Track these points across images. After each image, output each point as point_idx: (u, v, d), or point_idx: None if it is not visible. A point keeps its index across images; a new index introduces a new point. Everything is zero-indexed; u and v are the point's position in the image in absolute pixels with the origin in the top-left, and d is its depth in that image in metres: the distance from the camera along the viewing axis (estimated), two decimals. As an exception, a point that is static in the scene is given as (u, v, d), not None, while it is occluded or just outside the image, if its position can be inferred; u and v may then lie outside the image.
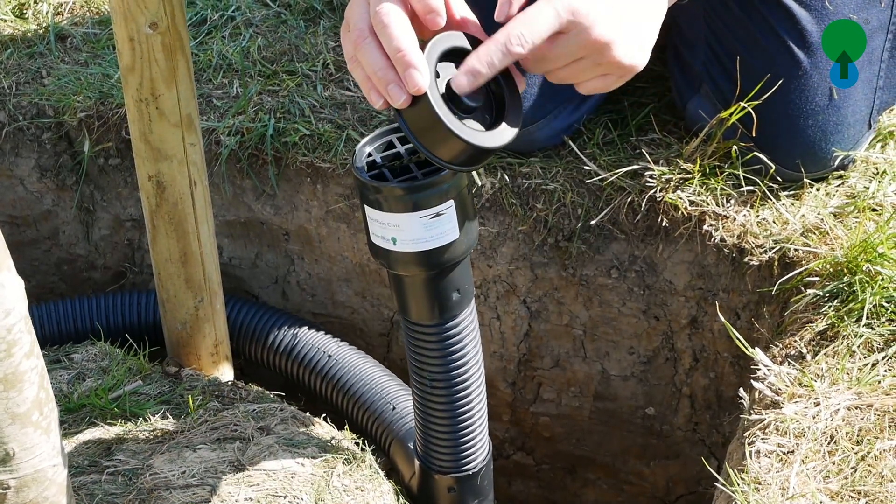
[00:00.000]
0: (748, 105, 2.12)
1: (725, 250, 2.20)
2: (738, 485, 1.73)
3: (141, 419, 2.04)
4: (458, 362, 1.76)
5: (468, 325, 1.75)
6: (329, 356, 2.33)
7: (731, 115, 2.16)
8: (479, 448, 1.88)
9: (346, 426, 2.14)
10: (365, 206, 1.67)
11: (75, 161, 2.58)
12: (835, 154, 2.16)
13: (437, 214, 1.63)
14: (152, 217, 2.09)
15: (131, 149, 2.50)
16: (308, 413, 2.13)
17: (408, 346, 1.78)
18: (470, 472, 1.89)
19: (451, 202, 1.63)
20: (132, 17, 1.87)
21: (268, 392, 2.20)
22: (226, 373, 2.28)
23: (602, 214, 2.28)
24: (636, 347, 2.45)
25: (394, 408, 2.17)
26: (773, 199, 2.19)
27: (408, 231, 1.64)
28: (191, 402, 2.06)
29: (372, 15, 1.51)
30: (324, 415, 2.15)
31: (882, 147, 2.27)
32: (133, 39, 1.89)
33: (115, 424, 2.02)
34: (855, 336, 1.93)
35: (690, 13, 2.22)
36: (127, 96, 1.97)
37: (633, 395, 2.51)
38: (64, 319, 2.39)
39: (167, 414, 2.05)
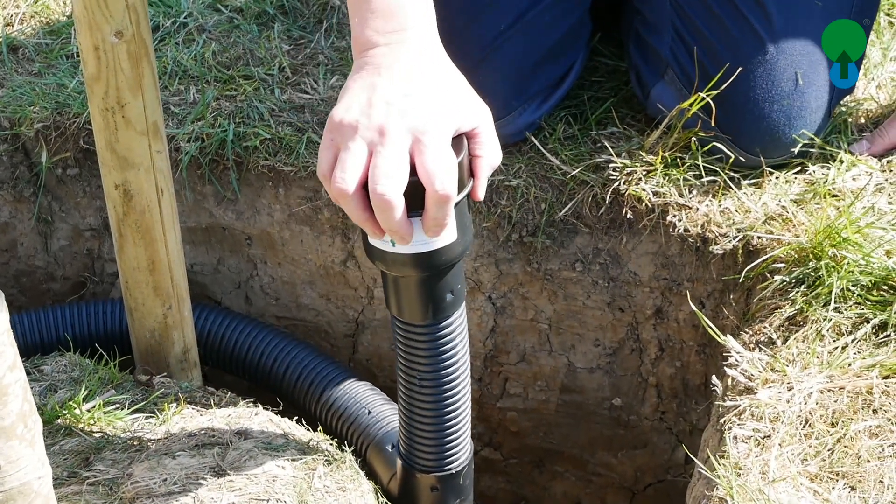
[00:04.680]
0: (712, 91, 2.15)
1: (689, 240, 2.23)
2: (719, 471, 1.75)
3: (117, 429, 2.03)
4: (448, 362, 1.76)
5: (459, 325, 1.75)
6: (299, 362, 2.33)
7: (691, 104, 2.18)
8: (463, 447, 1.88)
9: (320, 428, 2.14)
10: None
11: (32, 172, 2.57)
12: (796, 140, 2.19)
13: None
14: (119, 226, 2.09)
15: (89, 159, 2.50)
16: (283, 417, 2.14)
17: (397, 346, 1.78)
18: (453, 472, 1.89)
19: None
20: (97, 26, 1.86)
21: (240, 397, 2.20)
22: (196, 379, 2.28)
23: (566, 209, 2.30)
24: (601, 339, 2.47)
25: (369, 412, 2.17)
26: (735, 188, 2.22)
27: None
28: (166, 409, 2.06)
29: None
30: (296, 417, 2.15)
31: (839, 135, 2.30)
32: (98, 48, 1.88)
33: (92, 435, 2.01)
34: (823, 320, 1.96)
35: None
36: (92, 106, 1.96)
37: (600, 387, 2.53)
38: (29, 331, 2.38)
39: (143, 422, 2.05)
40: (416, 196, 1.56)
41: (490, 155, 1.63)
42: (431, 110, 1.56)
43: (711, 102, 2.16)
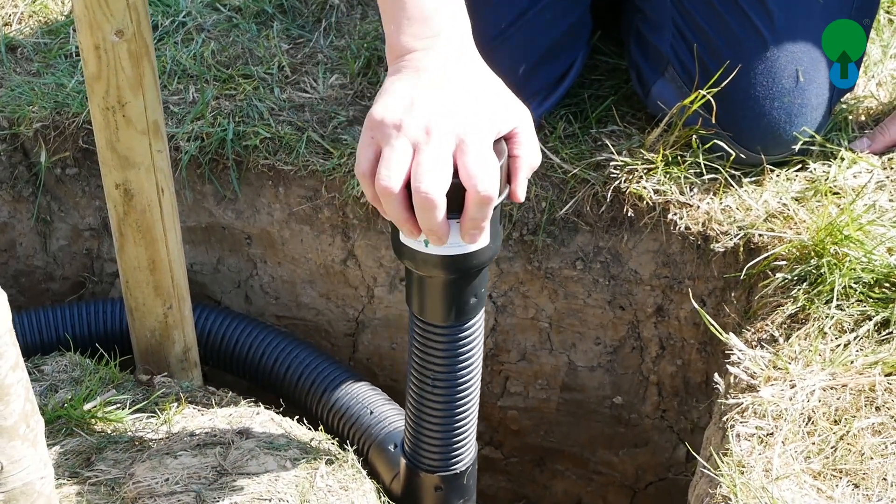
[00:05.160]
0: (713, 88, 2.15)
1: (690, 238, 2.23)
2: (722, 468, 1.75)
3: (118, 428, 2.03)
4: (463, 364, 1.75)
5: (478, 329, 1.75)
6: (300, 362, 2.32)
7: (692, 102, 2.18)
8: (468, 448, 1.88)
9: (321, 427, 2.13)
10: None
11: (31, 172, 2.56)
12: (797, 137, 2.19)
13: None
14: (120, 226, 2.08)
15: (89, 158, 2.50)
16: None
17: (413, 344, 1.76)
18: (457, 472, 1.89)
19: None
20: (98, 25, 1.86)
21: (241, 397, 2.19)
22: (196, 379, 2.28)
23: (566, 207, 2.30)
24: (602, 338, 2.47)
25: (371, 412, 2.16)
26: (736, 186, 2.22)
27: None
28: (167, 409, 2.06)
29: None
30: (297, 416, 2.15)
31: (840, 132, 2.30)
32: (99, 48, 1.88)
33: (93, 435, 2.01)
34: (826, 317, 1.96)
35: None
36: (92, 105, 1.96)
37: (601, 385, 2.53)
38: (29, 331, 2.37)
39: (144, 422, 2.04)
40: (455, 198, 1.55)
41: (529, 155, 1.62)
42: (474, 113, 1.55)
43: (712, 100, 2.16)
